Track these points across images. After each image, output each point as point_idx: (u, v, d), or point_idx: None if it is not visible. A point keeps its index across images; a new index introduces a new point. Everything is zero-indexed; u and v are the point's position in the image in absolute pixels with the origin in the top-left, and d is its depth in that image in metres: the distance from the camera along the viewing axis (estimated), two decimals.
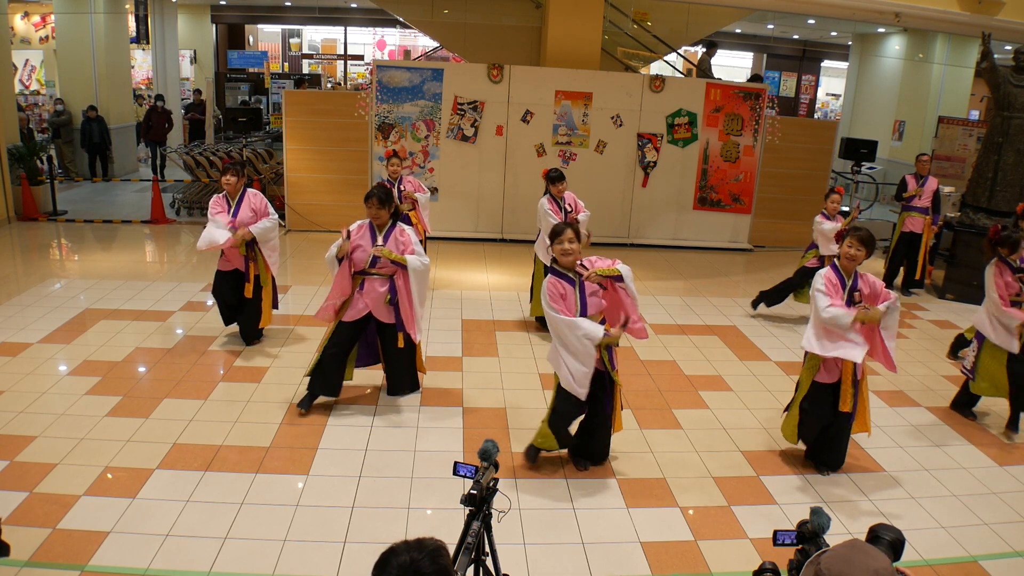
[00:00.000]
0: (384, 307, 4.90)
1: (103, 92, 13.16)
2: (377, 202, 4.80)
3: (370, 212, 4.84)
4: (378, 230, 4.89)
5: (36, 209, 10.17)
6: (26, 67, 16.52)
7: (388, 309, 4.91)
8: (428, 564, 1.64)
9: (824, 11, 11.68)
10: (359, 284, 4.91)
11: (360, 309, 4.90)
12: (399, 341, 4.94)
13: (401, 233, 4.89)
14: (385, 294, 4.87)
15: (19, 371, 5.33)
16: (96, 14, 12.75)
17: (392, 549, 1.68)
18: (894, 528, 2.06)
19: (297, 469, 4.25)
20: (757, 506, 4.14)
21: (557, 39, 9.97)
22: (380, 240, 4.86)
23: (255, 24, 21.18)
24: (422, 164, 9.86)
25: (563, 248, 4.01)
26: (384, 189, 4.89)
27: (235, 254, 5.83)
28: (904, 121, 14.54)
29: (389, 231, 4.89)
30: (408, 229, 4.93)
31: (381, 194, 4.83)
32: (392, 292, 4.86)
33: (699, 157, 10.15)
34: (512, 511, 3.85)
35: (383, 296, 4.87)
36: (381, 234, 4.88)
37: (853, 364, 4.25)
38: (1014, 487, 4.51)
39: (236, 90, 16.13)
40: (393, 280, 4.86)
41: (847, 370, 4.28)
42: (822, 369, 4.35)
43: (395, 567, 1.63)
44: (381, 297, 4.87)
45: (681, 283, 8.74)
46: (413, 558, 1.65)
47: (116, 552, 3.45)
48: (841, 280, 4.33)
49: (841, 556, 1.78)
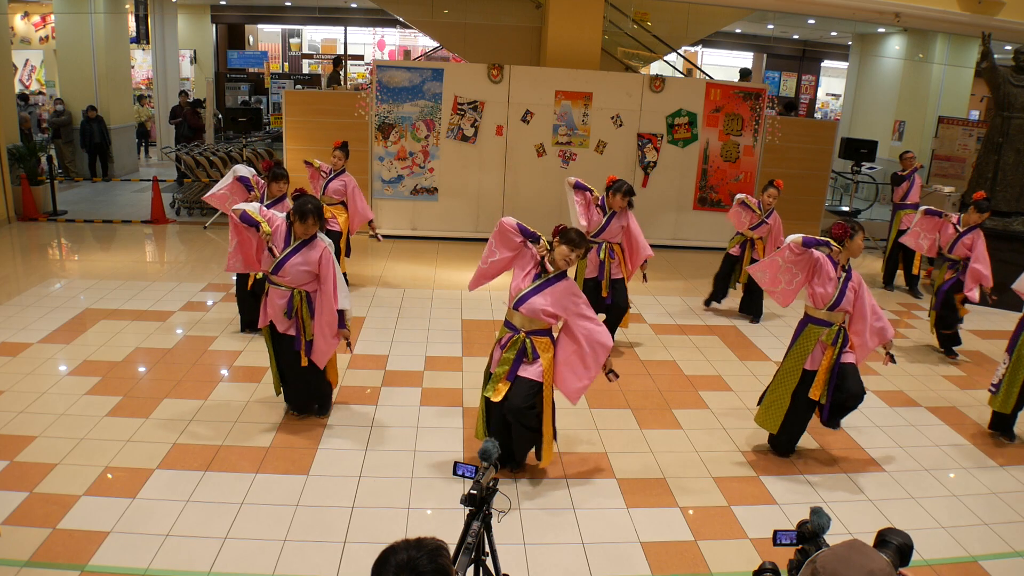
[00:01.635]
0: (283, 319, 4.57)
1: (103, 92, 13.16)
2: (313, 220, 4.41)
3: (301, 229, 4.43)
4: (295, 238, 4.49)
5: (36, 209, 10.17)
6: (26, 67, 16.53)
7: (288, 322, 4.57)
8: (426, 562, 1.64)
9: (824, 11, 11.69)
10: (266, 290, 4.65)
11: (266, 317, 4.65)
12: (302, 359, 4.60)
13: (313, 248, 4.47)
14: (284, 307, 4.54)
15: (19, 371, 5.33)
16: (96, 14, 12.75)
17: (392, 548, 1.68)
18: (903, 533, 2.05)
19: (297, 469, 4.25)
20: (757, 506, 4.14)
21: (557, 39, 9.97)
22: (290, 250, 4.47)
23: (255, 24, 21.16)
24: (422, 164, 9.87)
25: (567, 258, 3.99)
26: (318, 206, 4.48)
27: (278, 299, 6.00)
28: (904, 121, 14.54)
29: (305, 242, 4.48)
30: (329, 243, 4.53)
31: (318, 212, 4.44)
32: (290, 305, 4.53)
33: (699, 157, 10.15)
34: (512, 511, 3.85)
35: (282, 309, 4.54)
36: (295, 243, 4.49)
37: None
38: (1014, 487, 4.51)
39: (236, 90, 16.12)
40: (293, 293, 4.52)
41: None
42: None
43: (393, 565, 1.63)
44: (280, 310, 4.55)
45: (681, 283, 8.73)
46: (411, 556, 1.65)
47: (116, 552, 3.45)
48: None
49: (838, 556, 1.79)
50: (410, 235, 9.93)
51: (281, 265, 4.49)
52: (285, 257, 4.48)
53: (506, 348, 4.08)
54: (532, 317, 4.02)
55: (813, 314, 4.46)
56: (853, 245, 4.38)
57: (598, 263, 6.07)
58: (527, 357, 4.05)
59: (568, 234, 4.00)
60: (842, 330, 4.41)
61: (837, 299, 4.36)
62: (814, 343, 4.43)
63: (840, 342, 4.39)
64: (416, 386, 5.45)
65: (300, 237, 4.49)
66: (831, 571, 1.76)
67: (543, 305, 3.99)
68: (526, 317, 4.03)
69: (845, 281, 4.38)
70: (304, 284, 4.55)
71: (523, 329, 4.06)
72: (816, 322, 4.44)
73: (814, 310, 4.45)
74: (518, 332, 4.06)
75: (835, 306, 4.37)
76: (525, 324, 4.06)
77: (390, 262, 8.86)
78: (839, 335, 4.39)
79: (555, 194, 9.76)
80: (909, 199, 8.71)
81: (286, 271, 4.49)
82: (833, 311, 4.39)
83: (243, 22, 20.49)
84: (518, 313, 4.05)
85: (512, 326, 4.10)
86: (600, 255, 6.05)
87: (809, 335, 4.46)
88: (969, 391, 5.97)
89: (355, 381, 5.48)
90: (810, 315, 4.48)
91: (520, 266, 4.14)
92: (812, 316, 4.46)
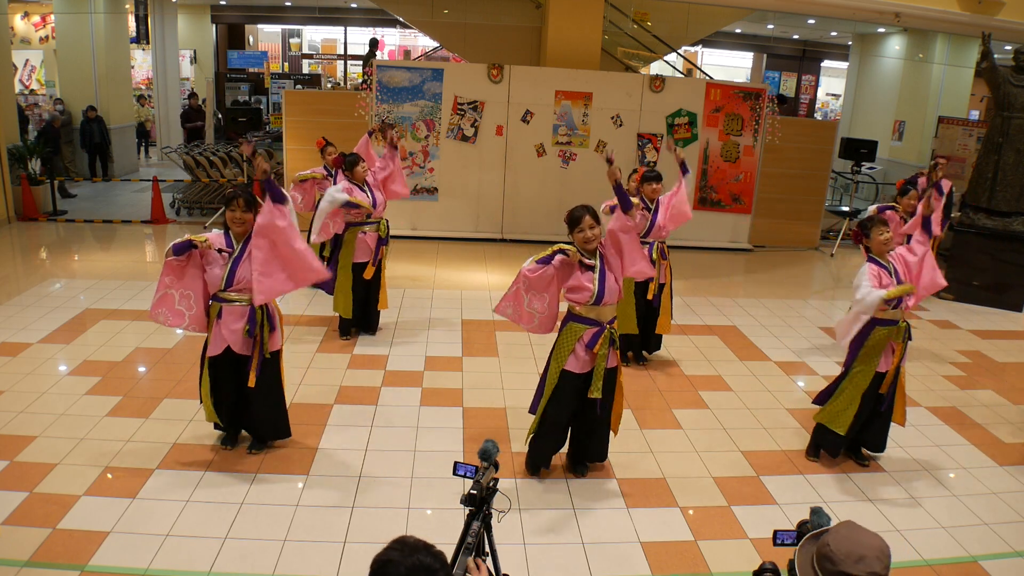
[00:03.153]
0: (243, 340, 4.12)
1: (103, 92, 13.16)
2: (244, 204, 4.02)
3: (232, 216, 4.04)
4: (236, 240, 4.10)
5: (36, 209, 10.17)
6: (26, 67, 16.52)
7: (247, 341, 4.13)
8: (431, 561, 1.66)
9: (824, 11, 11.69)
10: (216, 312, 4.12)
11: (219, 343, 4.12)
12: (251, 379, 4.13)
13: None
14: (244, 327, 4.10)
15: (19, 371, 5.33)
16: (96, 14, 12.75)
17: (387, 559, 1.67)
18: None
19: (297, 469, 4.25)
20: (757, 506, 4.14)
21: (557, 39, 9.97)
22: (236, 253, 4.07)
23: (255, 24, 21.17)
24: (422, 164, 9.87)
25: (584, 236, 3.96)
26: (248, 190, 4.14)
27: (376, 239, 6.09)
28: (904, 121, 14.54)
29: (247, 240, 4.07)
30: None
31: (248, 195, 4.07)
32: (251, 323, 4.09)
33: (699, 157, 10.14)
34: (512, 511, 3.85)
35: (242, 330, 4.10)
36: (238, 245, 4.09)
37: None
38: (1014, 487, 4.51)
39: (236, 90, 16.12)
40: (252, 310, 4.09)
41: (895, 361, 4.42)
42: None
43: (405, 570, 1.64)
44: (239, 331, 4.10)
45: (681, 283, 8.73)
46: (421, 560, 1.65)
47: (116, 552, 3.44)
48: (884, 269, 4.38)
49: (844, 536, 1.88)
50: (410, 235, 9.93)
51: (233, 273, 4.04)
52: (234, 264, 4.05)
53: (599, 345, 4.01)
54: (613, 303, 4.06)
55: (879, 316, 4.33)
56: (874, 242, 4.33)
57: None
58: (615, 346, 4.10)
59: (576, 216, 3.97)
60: (908, 326, 4.40)
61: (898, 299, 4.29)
62: (885, 344, 4.37)
63: (907, 338, 4.40)
64: (416, 386, 5.44)
65: (239, 235, 4.08)
66: (845, 551, 1.84)
67: (616, 284, 4.05)
68: (610, 307, 4.06)
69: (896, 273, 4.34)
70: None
71: (605, 321, 4.06)
72: (883, 323, 4.36)
73: (881, 312, 4.31)
74: (604, 326, 4.04)
75: (900, 303, 4.31)
76: (606, 315, 4.07)
77: (390, 262, 8.82)
78: (907, 332, 4.39)
79: (555, 194, 9.76)
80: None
81: (240, 276, 4.04)
82: (897, 309, 4.34)
83: (243, 22, 20.50)
84: (602, 308, 4.04)
85: (593, 321, 4.05)
86: (652, 255, 5.84)
87: (879, 338, 4.36)
88: (969, 391, 5.97)
89: (355, 381, 5.48)
90: (875, 317, 4.32)
91: (565, 276, 4.05)
92: (878, 318, 4.33)
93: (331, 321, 6.69)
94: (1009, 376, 6.39)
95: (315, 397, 5.17)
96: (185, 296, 4.12)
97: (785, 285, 8.90)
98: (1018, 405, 5.76)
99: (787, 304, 7.85)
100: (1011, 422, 5.44)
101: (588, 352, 4.03)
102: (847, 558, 1.82)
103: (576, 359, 4.05)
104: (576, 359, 4.05)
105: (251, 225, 4.04)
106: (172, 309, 4.11)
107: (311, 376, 5.52)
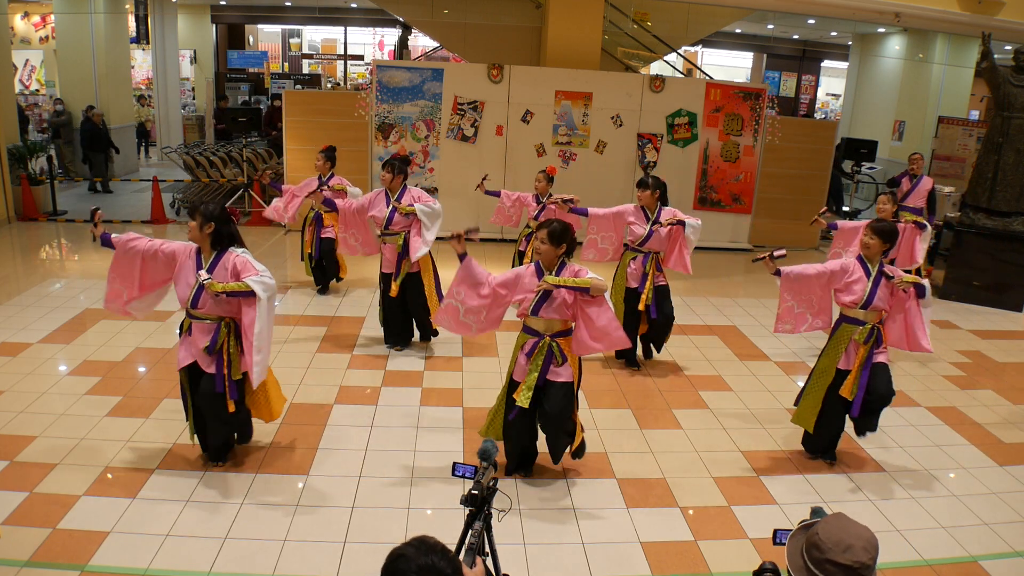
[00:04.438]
0: (206, 357, 3.98)
1: (103, 92, 13.16)
2: (197, 220, 3.92)
3: (192, 235, 3.96)
4: (204, 260, 3.97)
5: (36, 209, 10.17)
6: (26, 67, 16.52)
7: (211, 358, 3.98)
8: (445, 565, 1.67)
9: (824, 11, 11.69)
10: (186, 328, 4.04)
11: (186, 356, 4.02)
12: (229, 405, 4.00)
13: (231, 258, 3.94)
14: (206, 343, 3.97)
15: (19, 371, 5.33)
16: (96, 14, 12.75)
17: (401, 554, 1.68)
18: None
19: (297, 469, 4.25)
20: (757, 506, 4.14)
21: (557, 39, 9.97)
22: (204, 272, 3.89)
23: (255, 24, 21.17)
24: (422, 164, 9.86)
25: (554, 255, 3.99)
26: (206, 203, 4.07)
27: (393, 253, 5.78)
28: (904, 121, 14.54)
29: (217, 258, 3.95)
30: (240, 251, 4.00)
31: (214, 212, 3.95)
32: (213, 341, 3.95)
33: (699, 157, 10.14)
34: (512, 511, 3.85)
35: (203, 346, 3.98)
36: (207, 262, 3.95)
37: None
38: (1014, 487, 4.51)
39: (236, 90, 16.13)
40: (219, 328, 3.96)
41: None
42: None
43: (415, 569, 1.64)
44: (201, 349, 3.99)
45: (681, 283, 8.72)
46: (433, 562, 1.66)
47: (116, 552, 3.45)
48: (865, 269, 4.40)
49: (833, 526, 1.92)
50: None
51: (198, 297, 3.92)
52: (199, 287, 3.90)
53: (533, 355, 4.05)
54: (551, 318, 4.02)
55: (848, 313, 4.42)
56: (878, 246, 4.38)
57: (642, 274, 5.74)
58: (556, 360, 4.04)
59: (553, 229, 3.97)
60: (875, 329, 4.38)
61: (868, 299, 4.33)
62: (847, 342, 4.40)
63: (873, 341, 4.37)
64: (416, 386, 5.44)
65: (207, 253, 3.97)
66: (834, 539, 1.87)
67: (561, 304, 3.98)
68: (547, 320, 4.03)
69: (876, 280, 4.35)
70: (229, 311, 3.98)
71: (547, 333, 4.05)
72: (850, 321, 4.41)
73: (848, 309, 4.41)
74: (542, 337, 4.05)
75: (867, 305, 4.34)
76: (552, 328, 4.05)
77: None
78: (872, 334, 4.37)
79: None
80: (909, 201, 8.66)
81: (205, 299, 3.91)
82: (866, 310, 4.36)
83: (243, 22, 20.50)
84: (539, 318, 4.04)
85: (534, 331, 4.08)
86: (646, 267, 5.73)
87: (842, 335, 4.42)
88: (969, 391, 5.97)
89: (355, 381, 5.48)
90: (845, 314, 4.44)
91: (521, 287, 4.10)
92: (846, 315, 4.42)
93: (331, 321, 6.69)
94: (1009, 376, 6.39)
95: (315, 397, 5.17)
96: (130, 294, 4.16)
97: None
98: (1018, 405, 5.76)
99: None
100: (1011, 422, 5.44)
101: (528, 361, 4.06)
102: (835, 547, 1.85)
103: (518, 367, 4.12)
104: (518, 367, 4.12)
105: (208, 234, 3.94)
106: (120, 302, 4.16)
107: (311, 376, 5.52)
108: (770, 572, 2.14)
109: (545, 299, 3.99)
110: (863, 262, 4.41)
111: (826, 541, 1.87)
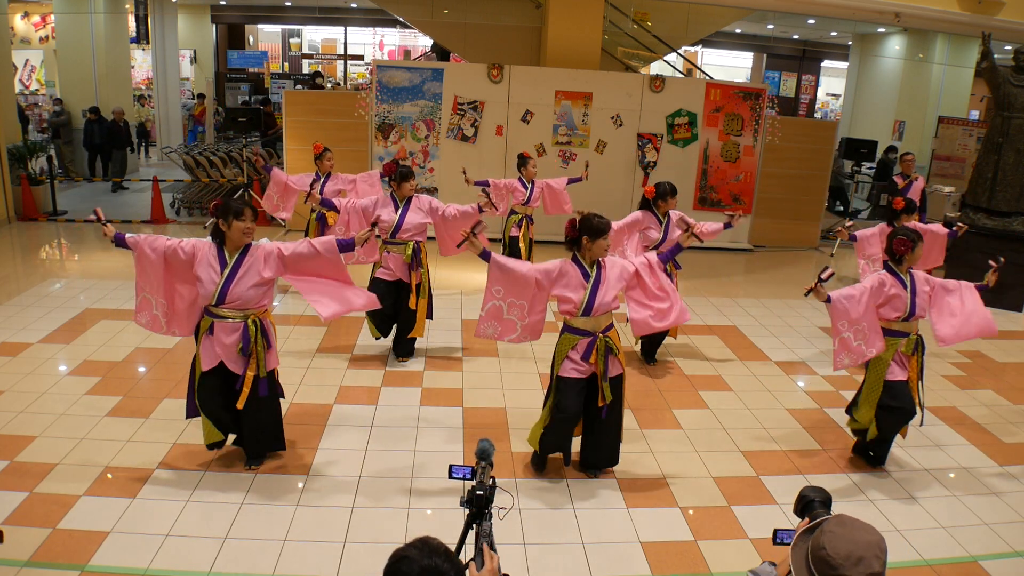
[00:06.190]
0: (237, 357, 3.97)
1: (103, 92, 13.16)
2: (253, 213, 3.92)
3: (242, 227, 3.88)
4: (229, 254, 3.93)
5: (36, 209, 10.17)
6: (26, 67, 16.53)
7: (242, 359, 3.97)
8: (448, 567, 1.67)
9: (824, 11, 11.70)
10: (208, 327, 3.99)
11: (212, 358, 3.98)
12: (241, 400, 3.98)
13: (258, 251, 3.95)
14: (237, 342, 3.94)
15: (19, 371, 5.33)
16: (96, 14, 12.76)
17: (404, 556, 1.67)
18: (820, 488, 2.25)
19: (297, 469, 4.25)
20: (757, 506, 4.14)
21: (557, 39, 9.97)
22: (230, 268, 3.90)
23: (255, 24, 21.18)
24: (422, 164, 9.86)
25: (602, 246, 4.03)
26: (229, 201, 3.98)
27: (399, 263, 5.65)
28: (904, 121, 14.54)
29: (244, 253, 3.93)
30: (264, 241, 4.02)
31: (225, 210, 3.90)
32: (244, 340, 3.93)
33: (699, 157, 10.15)
34: (512, 511, 3.85)
35: (235, 345, 3.95)
36: (232, 257, 3.92)
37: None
38: (1014, 487, 4.51)
39: (236, 90, 16.13)
40: (246, 326, 3.93)
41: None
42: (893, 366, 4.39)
43: (418, 571, 1.64)
44: (232, 347, 3.95)
45: (681, 283, 8.70)
46: (436, 563, 1.65)
47: (116, 552, 3.44)
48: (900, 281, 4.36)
49: (839, 535, 1.82)
50: None
51: (227, 290, 3.87)
52: (228, 279, 3.88)
53: (593, 356, 4.05)
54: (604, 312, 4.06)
55: (887, 326, 4.36)
56: (914, 256, 4.31)
57: None
58: (613, 352, 4.08)
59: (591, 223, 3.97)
60: (919, 339, 4.39)
61: (911, 310, 4.31)
62: (892, 354, 4.36)
63: (920, 351, 4.39)
64: (416, 386, 5.44)
65: (235, 249, 3.92)
66: (844, 553, 1.78)
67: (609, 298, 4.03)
68: (599, 318, 4.06)
69: (913, 289, 4.32)
70: (256, 305, 3.98)
71: (597, 331, 4.07)
72: (891, 334, 4.36)
73: (889, 323, 4.36)
74: (596, 336, 4.06)
75: (910, 316, 4.33)
76: (600, 325, 4.07)
77: None
78: (917, 345, 4.38)
79: None
80: None
81: (234, 295, 3.88)
82: (908, 321, 4.35)
83: (243, 22, 20.50)
84: (590, 318, 4.04)
85: (586, 332, 4.07)
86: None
87: (887, 347, 4.36)
88: (969, 391, 5.97)
89: (355, 381, 5.48)
90: (885, 328, 4.36)
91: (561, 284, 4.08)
92: (887, 329, 4.36)
93: (331, 322, 6.69)
94: (1009, 376, 6.39)
95: (315, 397, 5.17)
96: (160, 304, 4.08)
97: (785, 285, 8.90)
98: (1018, 405, 5.76)
99: (787, 304, 7.85)
100: (1011, 422, 5.44)
101: (585, 363, 4.07)
102: (846, 561, 1.77)
103: (575, 367, 4.09)
104: (575, 367, 4.09)
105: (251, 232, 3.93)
106: (150, 314, 4.11)
107: (311, 376, 5.52)
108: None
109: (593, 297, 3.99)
110: (894, 273, 4.36)
111: (836, 556, 1.78)
